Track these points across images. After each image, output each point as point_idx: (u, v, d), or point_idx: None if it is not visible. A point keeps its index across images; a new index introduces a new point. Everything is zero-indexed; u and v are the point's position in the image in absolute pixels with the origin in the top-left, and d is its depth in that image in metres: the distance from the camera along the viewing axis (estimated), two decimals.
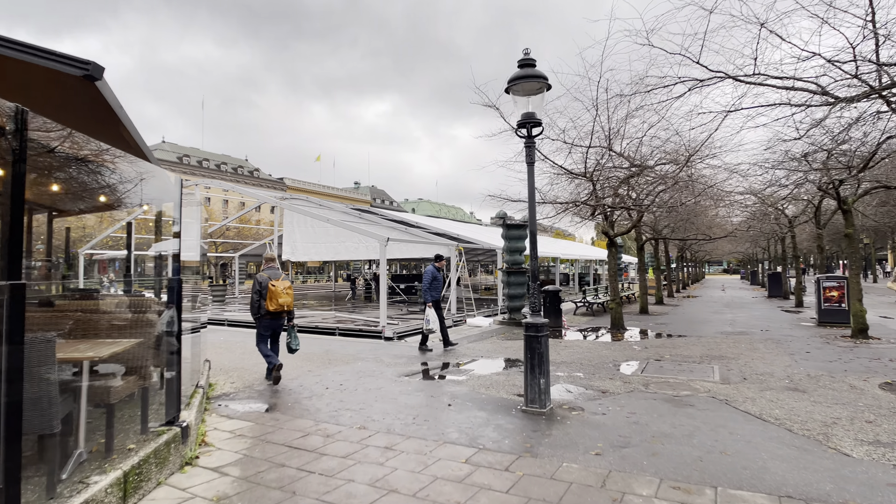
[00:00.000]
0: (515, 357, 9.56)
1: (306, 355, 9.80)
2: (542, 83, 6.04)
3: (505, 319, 14.14)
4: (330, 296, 34.86)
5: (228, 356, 9.83)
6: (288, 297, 7.60)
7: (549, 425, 5.49)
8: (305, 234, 22.12)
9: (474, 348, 10.62)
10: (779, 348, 10.39)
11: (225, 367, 8.94)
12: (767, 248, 33.43)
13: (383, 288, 15.99)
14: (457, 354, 9.94)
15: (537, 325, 6.07)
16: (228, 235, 42.38)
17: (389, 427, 5.46)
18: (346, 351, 10.32)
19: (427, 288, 10.48)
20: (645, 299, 17.42)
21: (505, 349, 10.45)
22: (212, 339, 11.90)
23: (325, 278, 62.24)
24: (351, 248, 22.40)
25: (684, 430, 5.26)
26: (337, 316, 20.01)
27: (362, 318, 19.00)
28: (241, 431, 5.36)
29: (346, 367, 8.69)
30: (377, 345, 11.41)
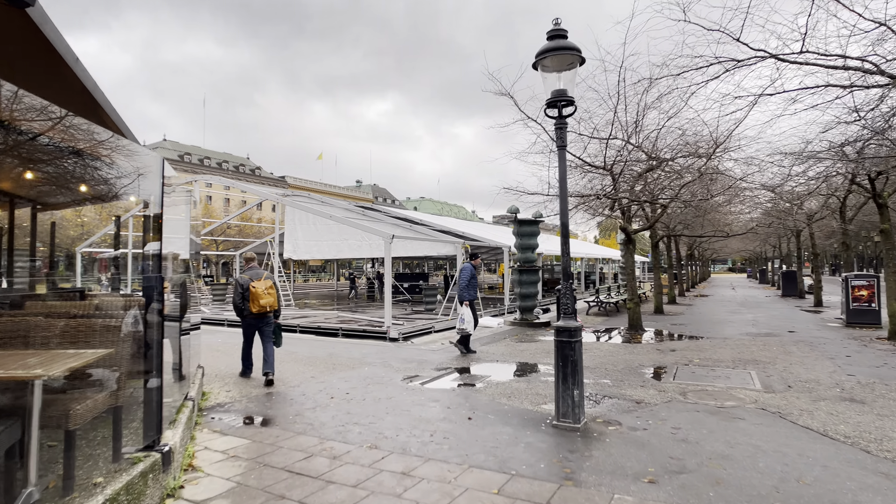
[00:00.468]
0: (533, 361, 8.86)
1: (309, 359, 9.11)
2: (575, 56, 5.34)
3: (517, 320, 13.44)
4: (332, 295, 34.20)
5: (225, 360, 9.14)
6: (270, 297, 7.35)
7: (586, 444, 4.80)
8: (307, 231, 21.43)
9: (488, 351, 9.92)
10: (814, 351, 9.67)
11: (221, 372, 8.25)
12: (778, 245, 32.67)
13: (388, 287, 15.32)
14: (470, 358, 9.24)
15: (571, 329, 5.37)
16: (229, 234, 41.74)
17: (405, 446, 4.76)
18: (351, 354, 9.62)
19: (465, 286, 9.75)
20: (660, 298, 16.71)
21: (520, 352, 9.75)
22: (209, 342, 11.21)
23: (328, 277, 61.54)
24: (354, 245, 21.73)
25: (744, 451, 4.56)
26: (340, 316, 19.34)
27: (366, 319, 18.34)
28: (236, 451, 4.66)
29: (352, 373, 7.99)
30: (383, 347, 10.72)
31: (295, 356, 9.39)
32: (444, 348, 10.40)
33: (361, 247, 21.74)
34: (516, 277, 13.25)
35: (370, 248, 21.47)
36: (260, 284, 7.30)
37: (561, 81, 5.46)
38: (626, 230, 12.19)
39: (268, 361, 7.39)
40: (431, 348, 10.48)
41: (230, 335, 12.66)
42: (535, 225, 13.35)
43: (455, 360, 9.06)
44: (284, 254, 21.08)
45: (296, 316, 19.43)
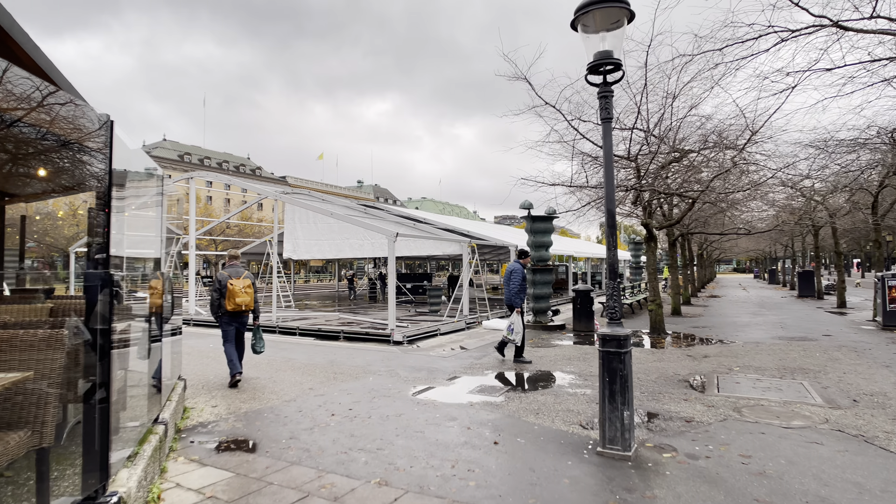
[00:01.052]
0: (553, 370, 7.97)
1: (307, 367, 8.22)
2: (624, 11, 4.44)
3: (530, 322, 12.54)
4: (333, 295, 33.31)
5: (214, 368, 8.25)
6: (247, 295, 7.14)
7: (644, 479, 3.89)
8: (307, 230, 20.55)
9: (501, 357, 9.03)
10: (862, 358, 8.75)
11: (209, 382, 7.36)
12: (790, 244, 31.71)
13: (392, 288, 14.46)
14: (483, 365, 8.34)
15: (619, 338, 4.44)
16: (229, 234, 40.88)
17: (422, 482, 3.86)
18: (354, 361, 8.72)
19: (517, 290, 8.41)
20: (677, 300, 15.78)
21: (538, 359, 8.85)
22: (199, 347, 10.31)
23: (329, 277, 60.67)
24: (355, 245, 20.84)
25: (844, 492, 3.64)
26: (341, 318, 18.46)
27: (368, 320, 17.45)
28: (215, 490, 3.76)
29: (355, 384, 7.09)
30: (388, 353, 9.81)
31: (292, 363, 8.50)
32: (455, 354, 9.50)
33: (363, 246, 20.85)
34: (529, 277, 12.37)
35: (372, 247, 20.59)
36: (238, 282, 7.07)
37: (605, 42, 4.56)
38: (647, 226, 11.29)
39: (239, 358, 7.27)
40: (441, 354, 9.58)
41: None
42: (550, 221, 12.45)
43: (468, 368, 8.15)
44: (284, 253, 20.20)
45: (296, 317, 18.55)
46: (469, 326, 16.97)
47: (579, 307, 11.70)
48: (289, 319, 18.15)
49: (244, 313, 7.25)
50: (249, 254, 32.45)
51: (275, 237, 18.33)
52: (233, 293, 7.00)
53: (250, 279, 7.29)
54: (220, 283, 7.11)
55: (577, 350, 9.70)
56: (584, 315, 11.68)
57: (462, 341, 11.37)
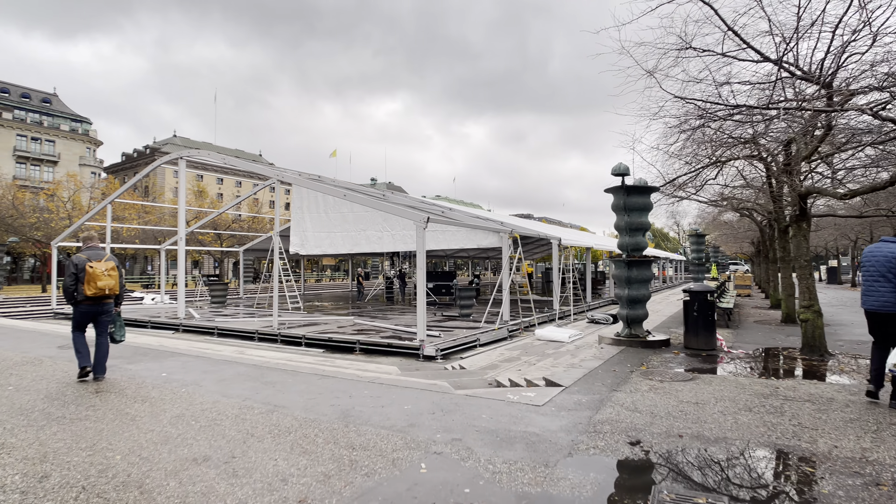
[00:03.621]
0: (742, 437, 4.27)
1: (302, 433, 4.47)
2: None
3: (620, 336, 8.79)
4: (347, 296, 29.78)
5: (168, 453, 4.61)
6: (110, 279, 6.41)
7: None
8: (317, 221, 16.89)
9: (629, 403, 5.31)
10: None
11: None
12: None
13: (421, 288, 10.90)
14: (628, 428, 4.64)
15: None
16: (234, 228, 37.53)
17: None
18: (385, 416, 4.94)
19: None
20: (792, 303, 11.96)
21: (698, 411, 5.10)
22: (179, 378, 6.65)
23: (343, 276, 56.98)
24: (373, 237, 17.10)
25: None
26: (356, 323, 14.87)
27: (389, 327, 13.87)
28: None
29: (397, 492, 3.43)
30: (440, 398, 5.94)
31: (278, 419, 4.80)
32: (547, 397, 5.77)
33: (382, 238, 17.10)
34: (621, 273, 8.62)
35: (393, 240, 16.84)
36: (99, 265, 6.39)
37: None
38: (805, 195, 7.49)
39: (100, 363, 6.50)
40: (521, 395, 5.81)
41: (206, 367, 8.15)
42: (648, 195, 8.67)
43: (602, 436, 4.44)
44: (290, 248, 16.53)
45: (303, 322, 15.00)
46: (512, 335, 13.40)
47: (696, 315, 7.99)
48: (294, 325, 14.61)
49: (107, 299, 6.53)
50: (255, 250, 28.99)
51: (276, 227, 14.79)
52: (93, 276, 6.28)
53: (114, 262, 6.60)
54: (77, 266, 6.33)
55: (747, 388, 5.85)
56: (703, 327, 7.97)
57: (525, 361, 7.67)
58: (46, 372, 6.90)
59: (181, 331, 15.14)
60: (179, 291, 16.21)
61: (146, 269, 54.43)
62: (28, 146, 54.06)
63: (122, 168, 65.62)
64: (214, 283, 24.07)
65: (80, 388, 5.99)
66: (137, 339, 11.05)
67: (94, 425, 4.58)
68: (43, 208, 32.20)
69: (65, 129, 57.19)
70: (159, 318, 16.53)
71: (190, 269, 53.65)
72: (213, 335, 14.14)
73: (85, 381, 6.28)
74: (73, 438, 4.22)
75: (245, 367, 7.05)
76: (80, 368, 6.36)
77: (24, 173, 52.51)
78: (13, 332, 11.36)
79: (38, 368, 7.13)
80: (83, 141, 58.30)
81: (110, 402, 5.37)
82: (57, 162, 54.85)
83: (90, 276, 6.26)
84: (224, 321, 15.45)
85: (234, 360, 7.84)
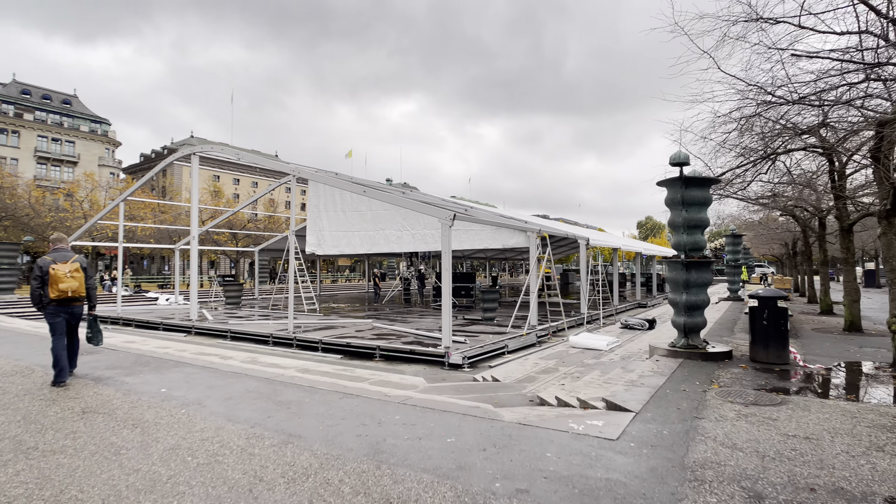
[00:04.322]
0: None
1: (327, 462, 3.56)
2: None
3: (676, 346, 7.72)
4: (363, 297, 28.96)
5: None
6: (73, 280, 6.23)
7: None
8: (334, 220, 16.00)
9: (727, 438, 4.29)
10: None
11: None
12: None
13: (446, 290, 9.98)
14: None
15: None
16: (250, 228, 36.94)
17: None
18: (424, 450, 3.97)
19: None
20: (856, 310, 10.73)
21: (817, 452, 4.07)
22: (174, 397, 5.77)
23: (359, 277, 56.20)
24: (392, 237, 16.16)
25: None
26: (375, 326, 13.97)
27: (409, 331, 12.96)
28: None
29: None
30: (488, 427, 4.81)
31: (292, 460, 3.86)
32: (622, 427, 4.77)
33: (402, 238, 16.14)
34: (678, 275, 7.53)
35: (412, 239, 15.87)
36: (62, 267, 6.18)
37: None
38: None
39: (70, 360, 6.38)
40: (586, 424, 4.78)
41: (216, 379, 7.27)
42: (708, 188, 7.56)
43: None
44: (307, 248, 15.62)
45: (319, 325, 14.14)
46: (540, 341, 12.42)
47: (765, 324, 6.92)
48: (310, 328, 13.75)
49: (73, 301, 6.39)
50: (271, 250, 28.29)
51: (292, 226, 13.98)
52: (56, 279, 6.14)
53: (79, 263, 6.44)
54: (41, 269, 6.22)
55: (860, 418, 4.54)
56: (774, 338, 6.89)
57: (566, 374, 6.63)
58: (34, 385, 6.07)
59: (193, 333, 14.38)
60: (192, 292, 15.45)
61: (162, 269, 54.24)
62: (49, 147, 54.24)
63: (140, 169, 65.72)
64: (229, 284, 23.37)
65: (66, 406, 5.13)
66: (143, 345, 10.26)
67: (70, 461, 3.70)
68: (59, 207, 31.89)
69: (84, 130, 57.32)
70: (172, 319, 15.80)
71: (206, 270, 53.34)
72: (226, 338, 13.36)
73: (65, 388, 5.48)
74: (37, 482, 3.34)
75: (256, 382, 6.16)
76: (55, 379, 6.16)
77: (45, 173, 52.66)
78: (13, 336, 10.64)
79: (26, 380, 6.31)
80: (102, 142, 58.41)
81: (96, 426, 4.49)
82: (76, 162, 54.95)
83: (53, 279, 6.13)
84: (238, 323, 14.66)
85: (245, 371, 6.96)
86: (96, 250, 34.59)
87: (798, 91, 8.01)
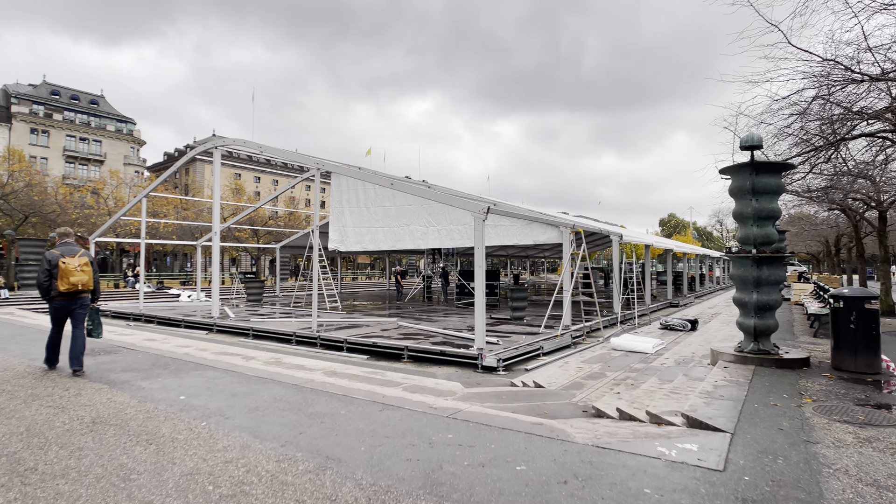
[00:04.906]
0: None
1: (376, 497, 2.90)
2: None
3: (745, 351, 6.86)
4: (384, 295, 28.38)
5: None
6: (83, 274, 6.26)
7: None
8: (357, 216, 15.37)
9: None
10: None
11: None
12: None
13: (480, 288, 9.31)
14: None
15: None
16: (270, 225, 36.67)
17: None
18: (492, 481, 3.19)
19: None
20: None
21: None
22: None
23: (378, 275, 55.71)
24: (417, 233, 15.45)
25: None
26: (401, 325, 13.32)
27: (437, 331, 12.31)
28: None
29: None
30: (559, 447, 4.15)
31: (333, 493, 3.12)
32: (721, 453, 3.99)
33: (427, 234, 15.42)
34: (747, 273, 6.65)
35: (438, 235, 15.13)
36: (72, 261, 6.20)
37: None
38: None
39: (76, 357, 6.23)
40: (687, 450, 4.07)
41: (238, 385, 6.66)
42: (780, 175, 6.69)
43: None
44: (329, 245, 15.01)
45: (342, 324, 13.55)
46: (575, 342, 11.66)
47: (853, 328, 6.06)
48: (334, 327, 13.17)
49: (81, 294, 6.32)
50: (292, 247, 27.85)
51: (315, 220, 13.40)
52: (66, 272, 6.10)
53: (87, 257, 6.38)
54: (51, 262, 6.15)
55: None
56: (863, 343, 6.03)
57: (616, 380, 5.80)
58: (45, 389, 5.52)
59: (215, 331, 13.91)
60: (214, 289, 14.99)
61: (185, 266, 54.49)
62: (76, 146, 54.88)
63: (163, 167, 66.25)
64: (251, 281, 22.97)
65: (75, 415, 4.54)
66: (164, 344, 9.75)
67: (71, 489, 3.07)
68: (84, 204, 31.96)
69: (111, 130, 57.90)
70: (194, 316, 15.38)
71: (228, 267, 53.42)
72: (249, 336, 12.86)
73: (77, 393, 4.90)
74: None
75: (283, 389, 5.50)
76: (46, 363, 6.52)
77: (73, 172, 53.26)
78: (32, 334, 10.22)
79: (38, 384, 5.76)
80: (128, 141, 58.94)
81: (105, 442, 3.88)
82: (103, 161, 55.50)
83: (63, 272, 6.15)
84: (260, 321, 14.14)
85: (270, 376, 6.32)
86: (120, 247, 34.65)
87: (880, 63, 7.12)
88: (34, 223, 27.82)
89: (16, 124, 50.66)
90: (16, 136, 50.18)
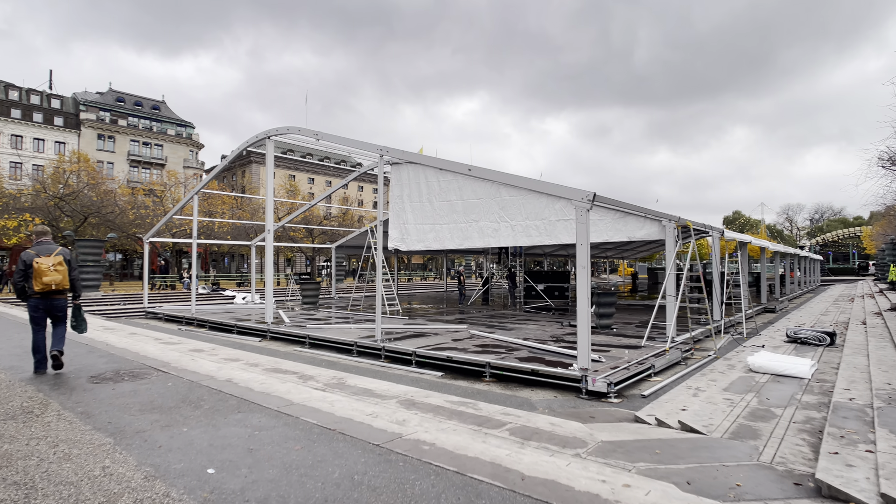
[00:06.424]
0: None
1: None
2: None
3: None
4: (441, 297, 26.88)
5: None
6: (57, 273, 6.23)
7: None
8: (420, 212, 13.77)
9: None
10: None
11: None
12: None
13: (583, 295, 7.52)
14: None
15: None
16: (326, 224, 36.04)
17: None
18: None
19: None
20: None
21: None
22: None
23: (433, 275, 54.38)
24: (487, 229, 13.61)
25: None
26: (474, 335, 11.63)
27: (517, 341, 10.60)
28: None
29: None
30: None
31: None
32: None
33: (499, 230, 13.57)
34: None
35: (512, 231, 13.23)
36: (45, 260, 6.17)
37: None
38: None
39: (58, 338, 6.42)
40: None
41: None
42: None
43: None
44: (389, 244, 13.46)
45: (406, 332, 11.99)
46: (685, 359, 9.64)
47: None
48: (398, 334, 11.66)
49: (57, 294, 6.34)
50: (347, 246, 26.81)
51: (380, 215, 11.94)
52: (39, 272, 6.08)
53: (63, 256, 6.38)
54: (25, 262, 6.19)
55: None
56: None
57: (805, 423, 3.79)
58: (46, 430, 4.18)
59: (269, 338, 12.77)
60: (267, 292, 13.85)
61: (241, 267, 55.24)
62: (139, 150, 56.84)
63: (221, 170, 67.84)
64: (306, 283, 22.01)
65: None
66: (208, 359, 8.50)
67: None
68: (140, 204, 32.34)
69: (171, 134, 59.69)
70: (247, 321, 14.34)
71: (282, 268, 53.70)
72: (305, 345, 11.58)
73: (61, 472, 3.46)
74: None
75: (362, 455, 3.76)
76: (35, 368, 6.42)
77: (136, 175, 55.15)
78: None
79: (32, 423, 4.44)
80: (187, 144, 60.60)
81: None
82: (164, 164, 57.23)
83: (37, 272, 6.12)
84: (317, 327, 12.86)
85: (338, 424, 4.63)
86: (177, 248, 34.92)
87: None
88: (94, 223, 28.21)
89: (84, 130, 52.93)
90: (84, 141, 52.42)
